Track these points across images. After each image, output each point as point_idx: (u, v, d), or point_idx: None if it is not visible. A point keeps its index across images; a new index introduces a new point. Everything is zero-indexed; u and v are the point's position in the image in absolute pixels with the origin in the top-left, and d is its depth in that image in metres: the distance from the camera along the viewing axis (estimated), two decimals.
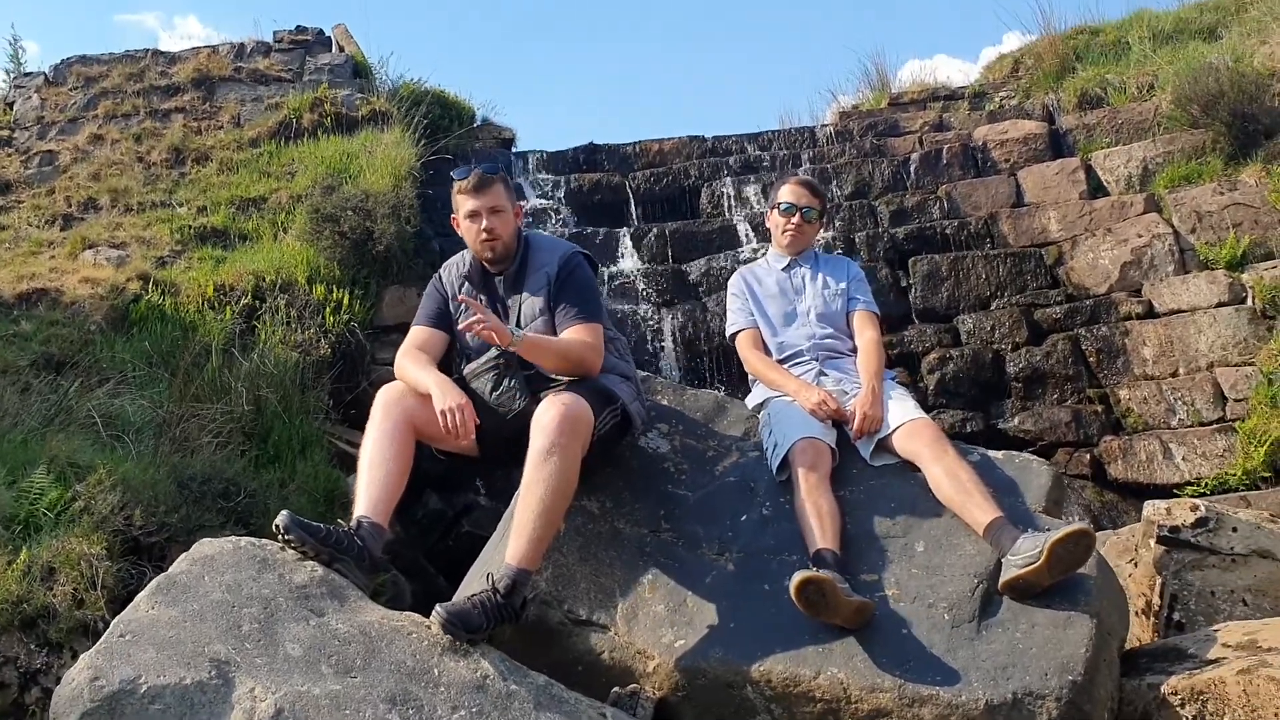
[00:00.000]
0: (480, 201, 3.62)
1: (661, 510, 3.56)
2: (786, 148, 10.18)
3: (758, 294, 4.23)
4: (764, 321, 4.16)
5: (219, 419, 5.95)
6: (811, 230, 4.33)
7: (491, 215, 3.62)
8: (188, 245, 7.84)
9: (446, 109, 10.07)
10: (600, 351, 3.53)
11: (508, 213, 3.68)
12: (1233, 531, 3.79)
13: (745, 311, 4.22)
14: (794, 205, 4.27)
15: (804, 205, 4.28)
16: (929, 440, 3.48)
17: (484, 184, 3.64)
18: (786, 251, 4.31)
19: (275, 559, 2.99)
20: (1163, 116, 8.93)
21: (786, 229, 4.28)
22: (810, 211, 4.27)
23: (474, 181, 3.64)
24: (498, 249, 3.65)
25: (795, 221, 4.26)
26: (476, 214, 3.63)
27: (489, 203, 3.63)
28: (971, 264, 8.10)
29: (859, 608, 3.06)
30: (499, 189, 3.67)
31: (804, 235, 4.30)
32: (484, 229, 3.61)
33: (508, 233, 3.67)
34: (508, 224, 3.67)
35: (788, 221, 4.27)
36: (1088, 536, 3.04)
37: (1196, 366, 7.35)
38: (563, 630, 3.27)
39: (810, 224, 4.30)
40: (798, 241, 4.29)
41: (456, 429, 3.25)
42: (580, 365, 3.47)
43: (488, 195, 3.63)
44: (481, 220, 3.61)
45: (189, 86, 9.76)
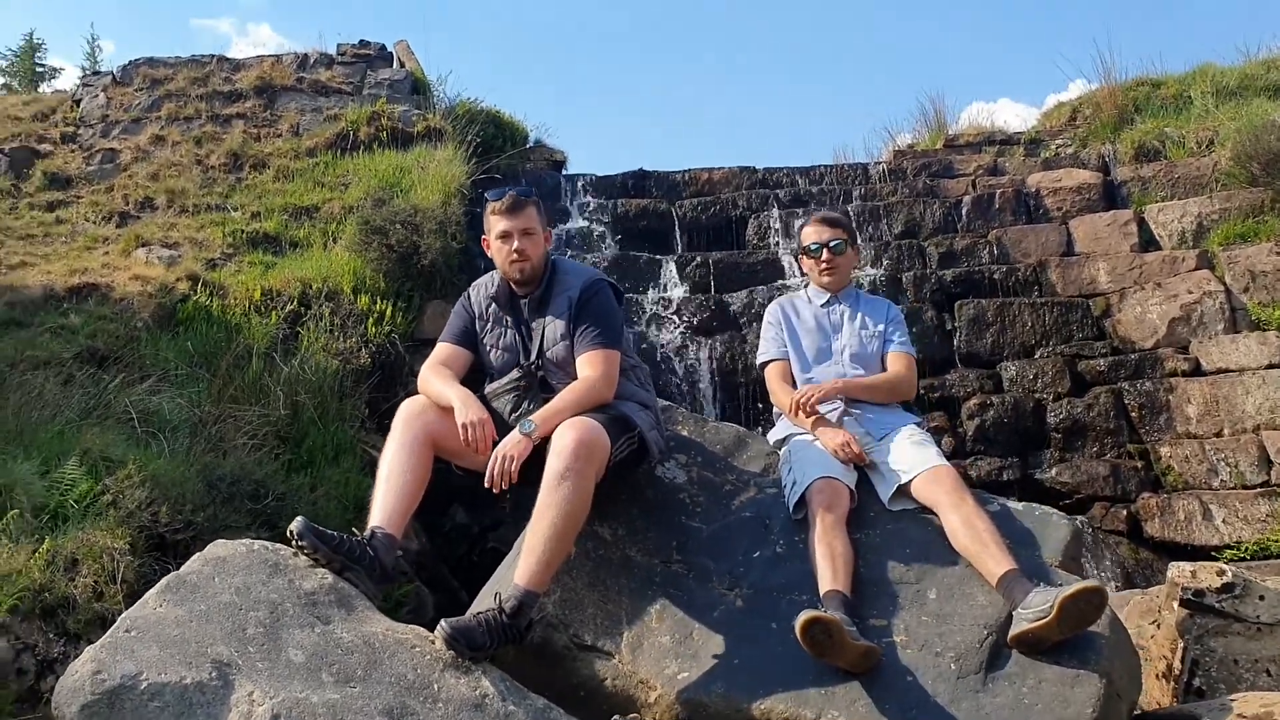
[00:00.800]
0: (513, 223, 3.66)
1: (674, 541, 3.55)
2: (838, 183, 10.16)
3: (794, 326, 4.22)
4: (796, 355, 4.15)
5: (255, 421, 6.04)
6: (846, 261, 4.31)
7: (523, 237, 3.66)
8: (239, 249, 7.98)
9: (500, 129, 10.18)
10: (610, 381, 3.53)
11: (538, 235, 3.72)
12: (1260, 600, 3.70)
13: (778, 342, 4.20)
14: (819, 244, 4.26)
15: (828, 240, 4.26)
16: (948, 488, 3.44)
17: (518, 206, 3.68)
18: (828, 289, 4.29)
19: (287, 564, 3.03)
20: (1221, 173, 8.80)
21: (821, 268, 4.27)
22: (838, 244, 4.26)
23: (508, 203, 3.68)
24: (526, 270, 3.69)
25: (826, 258, 4.25)
26: (508, 235, 3.66)
27: (521, 224, 3.66)
28: (1018, 311, 8.03)
29: (865, 652, 3.02)
30: (532, 212, 3.71)
31: (839, 269, 4.28)
32: (514, 250, 3.64)
33: (537, 255, 3.70)
34: (538, 246, 3.71)
35: (818, 262, 4.27)
36: (1100, 594, 2.98)
37: (1242, 428, 7.22)
38: (567, 655, 3.27)
39: (842, 255, 4.28)
40: (836, 276, 4.27)
41: (476, 442, 3.28)
42: (593, 403, 3.47)
43: (521, 217, 3.67)
44: (513, 241, 3.65)
45: (251, 94, 9.96)
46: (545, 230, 3.80)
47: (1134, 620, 4.15)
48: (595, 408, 3.43)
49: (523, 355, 3.67)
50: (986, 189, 9.54)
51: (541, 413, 3.38)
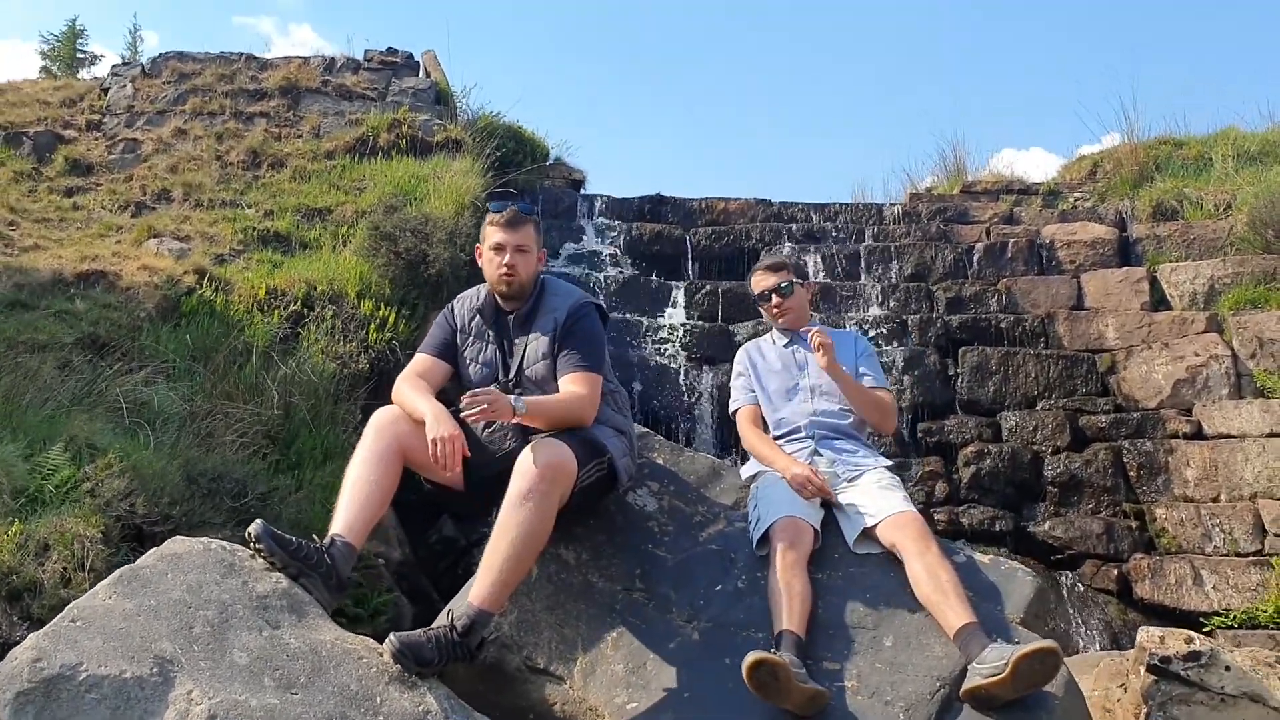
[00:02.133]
0: (509, 237, 3.69)
1: (638, 569, 3.54)
2: (852, 221, 10.16)
3: (759, 369, 4.25)
4: (764, 397, 4.17)
5: (246, 419, 6.04)
6: (798, 300, 4.33)
7: (516, 253, 3.68)
8: (249, 246, 8.02)
9: (521, 144, 10.24)
10: (594, 403, 3.54)
11: (532, 254, 3.74)
12: (1225, 670, 3.66)
13: (747, 389, 4.25)
14: (768, 290, 4.31)
15: (775, 285, 4.30)
16: (914, 535, 3.42)
17: (516, 221, 3.71)
18: (787, 329, 4.32)
19: (243, 566, 3.02)
20: (1236, 237, 8.77)
21: (774, 312, 4.32)
22: (785, 286, 4.29)
23: (507, 216, 3.71)
24: (514, 286, 3.70)
25: (776, 302, 4.29)
26: (502, 248, 3.69)
27: (517, 240, 3.69)
28: (1022, 361, 8.00)
29: (813, 696, 3.00)
30: (529, 229, 3.74)
31: (793, 309, 4.31)
32: (505, 263, 3.67)
33: (527, 272, 3.72)
34: (530, 264, 3.73)
35: (770, 307, 4.32)
36: (1054, 655, 2.95)
37: (1239, 495, 7.16)
38: (519, 677, 3.26)
39: (792, 295, 4.31)
40: (791, 316, 4.31)
41: (445, 459, 3.28)
42: (575, 420, 3.48)
43: (518, 233, 3.70)
44: (505, 254, 3.67)
45: (276, 93, 10.05)
46: (540, 250, 3.81)
47: (1103, 682, 4.11)
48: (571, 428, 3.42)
49: (502, 371, 3.68)
50: (1000, 237, 9.52)
51: (532, 400, 3.37)
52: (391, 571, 6.01)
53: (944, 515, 7.21)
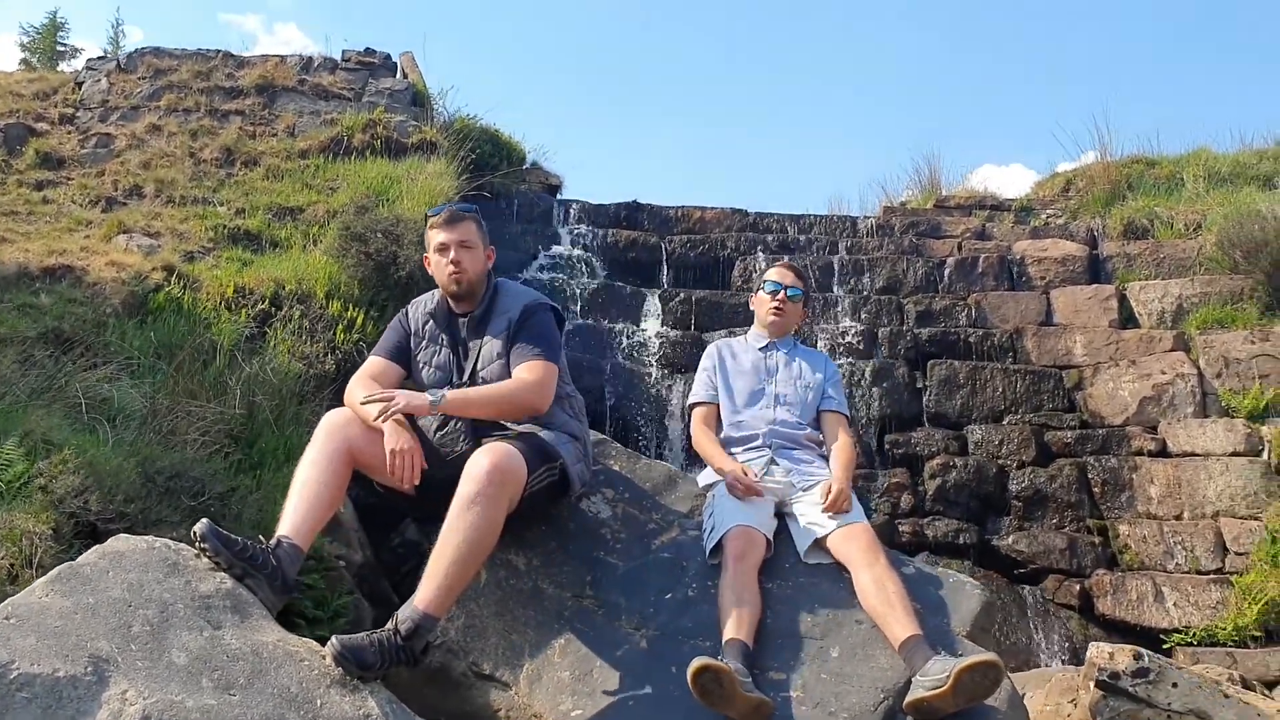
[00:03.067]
0: (450, 235, 3.69)
1: (589, 575, 3.53)
2: (826, 233, 10.20)
3: (728, 367, 4.25)
4: (727, 396, 4.17)
5: (209, 418, 6.00)
6: (794, 311, 4.36)
7: (460, 249, 3.68)
8: (219, 244, 7.97)
9: (498, 147, 10.23)
10: (546, 388, 3.50)
11: (478, 250, 3.73)
12: (1173, 687, 3.68)
13: (709, 385, 4.24)
14: (780, 284, 4.33)
15: (789, 285, 4.32)
16: (863, 546, 3.43)
17: (455, 219, 3.71)
18: (768, 332, 4.33)
19: (187, 565, 3.00)
20: (1205, 257, 8.84)
21: (772, 306, 4.31)
22: (795, 292, 4.32)
23: (446, 216, 3.72)
24: (464, 283, 3.69)
25: (780, 299, 4.31)
26: (445, 247, 3.69)
27: (459, 237, 3.69)
28: (990, 375, 8.04)
29: (757, 705, 3.00)
30: (470, 226, 3.74)
31: (787, 316, 4.33)
32: (451, 261, 3.66)
33: (475, 270, 3.71)
34: (477, 261, 3.72)
35: (773, 299, 4.32)
36: (996, 669, 2.96)
37: (1202, 513, 7.21)
38: (464, 682, 3.24)
39: (794, 304, 4.33)
40: (780, 321, 4.32)
41: (403, 471, 3.27)
42: (520, 405, 3.45)
43: (458, 230, 3.70)
44: (450, 253, 3.67)
45: (252, 91, 10.00)
46: (487, 248, 3.80)
47: (1054, 697, 4.13)
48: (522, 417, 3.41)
49: (455, 375, 3.66)
50: (972, 252, 9.57)
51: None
52: (353, 574, 5.96)
53: (909, 527, 7.23)
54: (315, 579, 5.07)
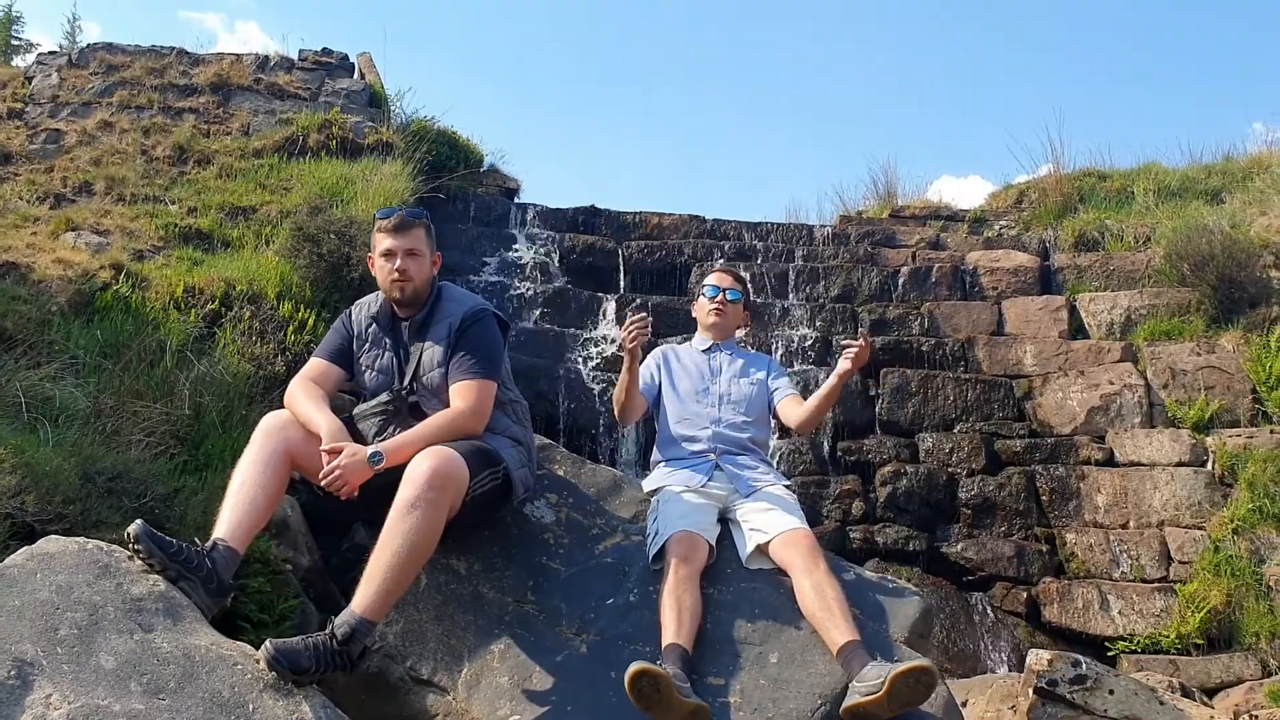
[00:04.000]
0: (398, 242, 3.65)
1: (531, 580, 3.52)
2: (783, 241, 10.24)
3: (673, 369, 4.27)
4: (673, 396, 4.17)
5: (155, 419, 5.92)
6: (734, 313, 4.39)
7: (407, 257, 3.64)
8: (170, 243, 7.87)
9: (456, 150, 10.18)
10: (483, 413, 3.50)
11: (425, 258, 3.70)
12: (1109, 694, 3.73)
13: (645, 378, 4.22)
14: (718, 287, 4.36)
15: (728, 287, 4.35)
16: (803, 552, 3.44)
17: (404, 226, 3.67)
18: (710, 334, 4.35)
19: (119, 567, 2.95)
20: (1153, 270, 8.98)
21: (711, 308, 4.33)
22: (734, 293, 4.35)
23: (395, 222, 3.67)
24: (408, 291, 3.66)
25: (720, 301, 4.33)
26: (391, 253, 3.65)
27: (406, 244, 3.65)
28: (941, 384, 8.10)
29: (694, 710, 3.00)
30: (419, 233, 3.70)
31: (727, 317, 4.36)
32: (396, 269, 3.63)
33: (421, 277, 3.68)
34: (423, 269, 3.69)
35: (711, 302, 4.34)
36: (929, 674, 2.98)
37: (1147, 522, 7.31)
38: (401, 687, 3.22)
39: (734, 305, 4.37)
40: (721, 323, 4.35)
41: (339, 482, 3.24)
42: (457, 435, 3.42)
43: (406, 237, 3.66)
44: (395, 260, 3.64)
45: (207, 89, 9.88)
46: (434, 254, 3.78)
47: (995, 704, 4.16)
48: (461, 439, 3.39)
49: (397, 379, 3.64)
50: (926, 261, 9.65)
51: (393, 442, 3.34)
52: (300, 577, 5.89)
53: (860, 534, 7.27)
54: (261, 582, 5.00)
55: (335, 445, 3.26)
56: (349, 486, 3.22)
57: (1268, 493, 6.96)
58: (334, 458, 3.23)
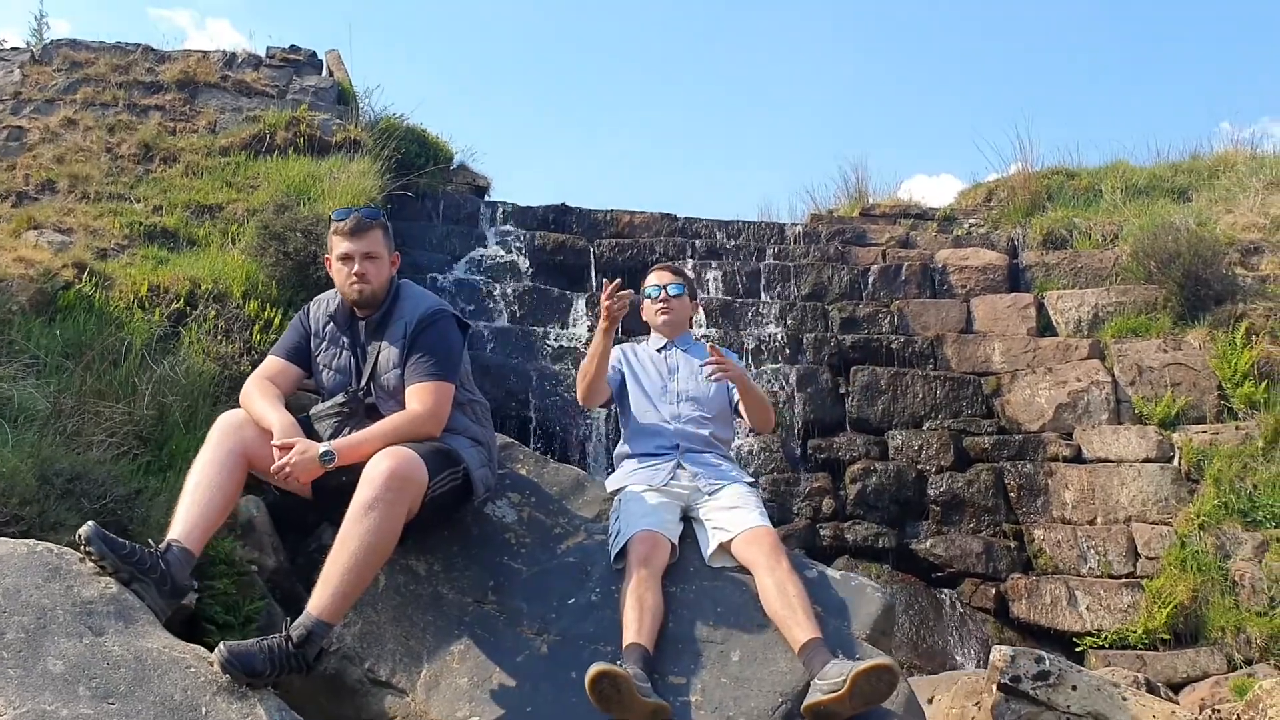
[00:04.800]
0: (355, 245, 3.60)
1: (491, 581, 3.49)
2: (754, 239, 10.24)
3: (634, 366, 4.27)
4: (637, 392, 4.15)
5: (117, 419, 5.85)
6: (682, 306, 4.38)
7: (365, 260, 3.59)
8: (135, 241, 7.78)
9: (425, 147, 10.11)
10: (440, 415, 3.46)
11: (383, 260, 3.65)
12: (1072, 690, 3.73)
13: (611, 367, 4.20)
14: (660, 286, 4.35)
15: (669, 283, 4.34)
16: (766, 549, 3.43)
17: (361, 228, 3.62)
18: (662, 333, 4.34)
19: (70, 569, 2.91)
20: (1121, 267, 9.02)
21: (658, 308, 4.33)
22: (676, 288, 4.34)
23: (351, 224, 3.62)
24: (365, 294, 3.62)
25: (664, 298, 4.32)
26: (349, 257, 3.60)
27: (363, 248, 3.60)
28: (910, 381, 8.12)
29: (655, 710, 2.98)
30: (377, 235, 3.65)
31: (675, 312, 4.35)
32: (354, 273, 3.58)
33: (379, 280, 3.63)
34: (381, 271, 3.64)
35: (655, 302, 4.33)
36: (890, 672, 2.98)
37: (1114, 518, 7.35)
38: (359, 689, 3.18)
39: (680, 300, 4.35)
40: (672, 318, 4.34)
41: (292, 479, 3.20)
42: (413, 438, 3.38)
43: (364, 240, 3.61)
44: (353, 264, 3.59)
45: (173, 87, 9.77)
46: (392, 254, 3.73)
47: (959, 700, 4.16)
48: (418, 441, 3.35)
49: (354, 379, 3.60)
50: (895, 260, 9.67)
51: (345, 441, 3.30)
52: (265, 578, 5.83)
53: (830, 531, 7.28)
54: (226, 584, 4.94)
55: (286, 441, 3.22)
56: (300, 483, 3.18)
57: (1233, 488, 7.02)
58: (285, 453, 3.19)
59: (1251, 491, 7.00)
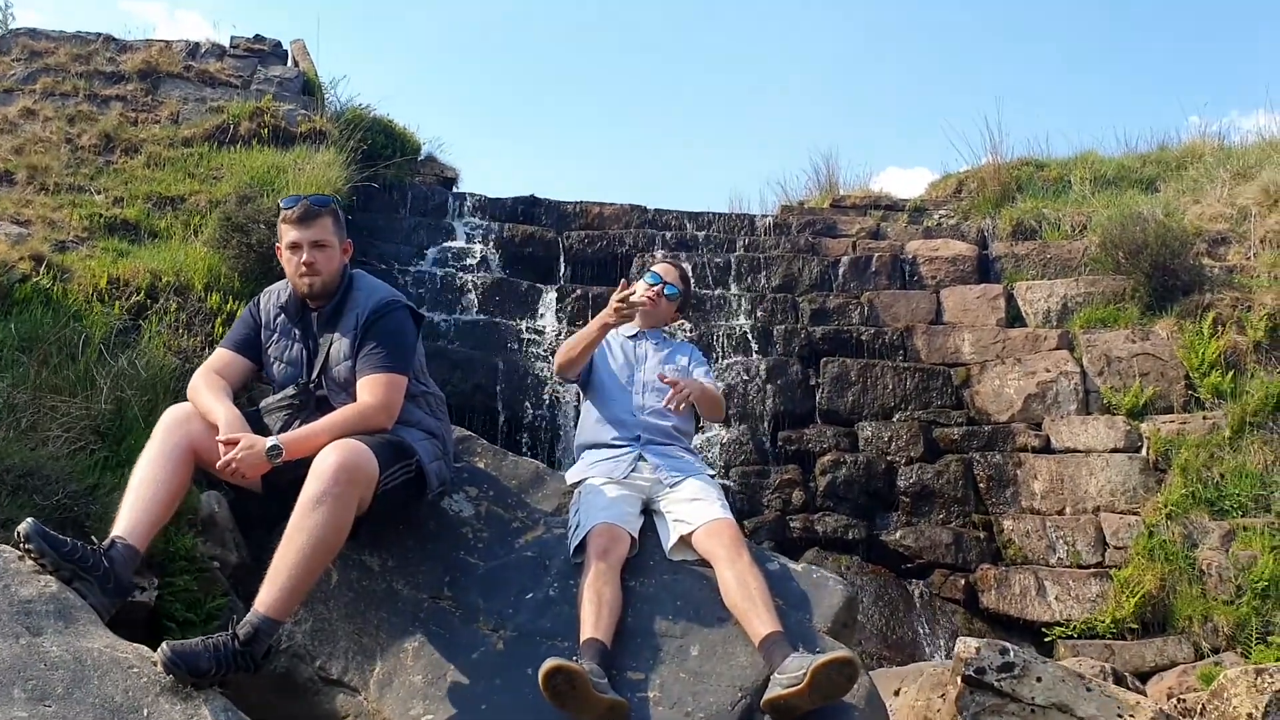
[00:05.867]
0: (303, 234, 3.51)
1: (448, 576, 3.42)
2: (724, 231, 10.19)
3: (604, 352, 4.21)
4: (600, 382, 4.10)
5: (74, 414, 5.75)
6: (666, 309, 4.36)
7: (314, 249, 3.50)
8: (95, 233, 7.65)
9: (392, 138, 10.01)
10: (392, 408, 3.39)
11: (334, 248, 3.56)
12: (1037, 681, 3.70)
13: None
14: (661, 279, 4.30)
15: (670, 282, 4.29)
16: (726, 542, 3.38)
17: (309, 215, 3.52)
18: (639, 323, 4.29)
19: (7, 568, 2.83)
20: (1090, 258, 9.03)
21: (648, 297, 4.28)
22: (672, 290, 4.29)
23: (299, 212, 3.52)
24: (316, 285, 3.53)
25: (657, 291, 4.26)
26: (298, 246, 3.51)
27: (313, 236, 3.51)
28: (880, 373, 8.10)
29: (611, 706, 2.92)
30: (327, 222, 3.56)
31: (659, 310, 4.32)
32: (303, 262, 3.49)
33: (329, 269, 3.54)
34: (332, 260, 3.55)
35: (649, 290, 4.26)
36: (850, 666, 2.93)
37: (1083, 508, 7.36)
38: (310, 687, 3.11)
39: (669, 302, 4.31)
40: (651, 313, 4.28)
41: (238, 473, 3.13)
42: (365, 431, 3.31)
43: (313, 228, 3.52)
44: (302, 253, 3.49)
45: (135, 77, 9.62)
46: (344, 242, 3.64)
47: (925, 693, 4.13)
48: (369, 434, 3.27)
49: (305, 371, 3.51)
50: (866, 251, 9.64)
51: (293, 435, 3.22)
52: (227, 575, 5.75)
53: (800, 523, 7.26)
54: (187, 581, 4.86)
55: (232, 436, 3.14)
56: (247, 479, 3.10)
57: (1200, 478, 7.04)
58: (231, 448, 3.11)
59: (1218, 481, 7.02)
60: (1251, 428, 7.22)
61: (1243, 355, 7.76)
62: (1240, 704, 3.84)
